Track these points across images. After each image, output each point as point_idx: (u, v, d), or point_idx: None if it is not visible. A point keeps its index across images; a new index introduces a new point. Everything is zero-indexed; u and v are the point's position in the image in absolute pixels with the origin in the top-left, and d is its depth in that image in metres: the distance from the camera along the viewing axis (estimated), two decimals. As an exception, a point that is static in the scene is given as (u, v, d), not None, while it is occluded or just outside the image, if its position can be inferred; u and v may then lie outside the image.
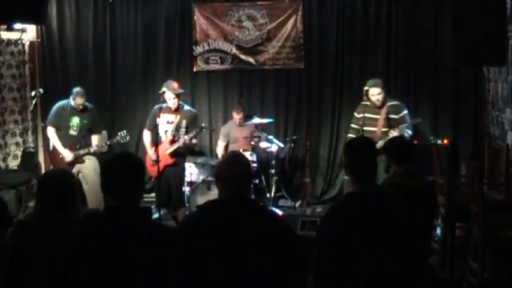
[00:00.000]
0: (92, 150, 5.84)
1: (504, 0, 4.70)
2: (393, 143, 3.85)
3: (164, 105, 5.65)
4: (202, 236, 2.33)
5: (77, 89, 5.84)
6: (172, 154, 5.65)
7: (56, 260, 2.09)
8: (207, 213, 2.43)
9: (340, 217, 2.51)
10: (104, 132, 6.63)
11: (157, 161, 5.35)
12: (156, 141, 5.61)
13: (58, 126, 5.88)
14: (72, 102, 5.83)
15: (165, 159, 5.59)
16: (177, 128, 5.67)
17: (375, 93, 5.58)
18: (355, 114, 5.81)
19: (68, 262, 2.04)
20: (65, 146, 5.82)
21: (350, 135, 5.80)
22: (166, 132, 5.71)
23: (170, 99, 5.62)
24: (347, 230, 2.45)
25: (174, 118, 5.68)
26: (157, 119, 5.65)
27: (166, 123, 5.70)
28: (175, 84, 5.67)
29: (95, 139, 6.07)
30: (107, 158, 2.31)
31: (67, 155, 5.79)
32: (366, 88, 5.66)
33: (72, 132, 5.86)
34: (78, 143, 5.85)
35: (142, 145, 6.52)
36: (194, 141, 5.78)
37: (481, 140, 6.42)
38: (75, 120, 5.86)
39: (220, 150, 6.82)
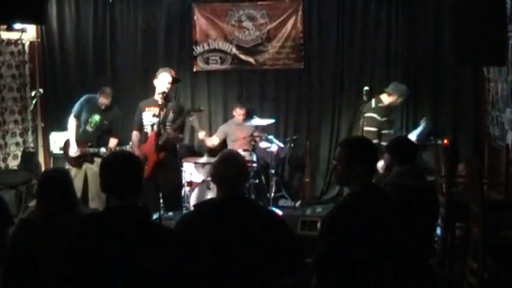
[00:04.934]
0: (102, 151, 5.74)
1: (504, 0, 4.70)
2: (397, 143, 3.82)
3: (149, 99, 5.50)
4: (200, 235, 2.34)
5: (104, 87, 5.86)
6: (160, 150, 5.14)
7: (57, 260, 2.09)
8: (203, 213, 2.43)
9: (345, 217, 2.50)
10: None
11: (145, 159, 5.12)
12: (144, 139, 5.40)
13: (79, 117, 5.85)
14: (98, 100, 5.82)
15: (152, 156, 5.22)
16: (163, 121, 5.31)
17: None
18: (376, 116, 5.50)
19: (68, 262, 2.04)
20: (77, 139, 5.80)
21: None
22: (152, 126, 5.39)
23: (164, 83, 5.37)
24: (352, 230, 2.44)
25: (161, 111, 5.22)
26: (143, 114, 5.45)
27: (152, 117, 5.41)
28: (172, 71, 5.57)
29: (112, 142, 5.88)
30: (105, 158, 2.30)
31: (73, 149, 5.78)
32: (400, 93, 5.63)
33: (89, 128, 5.83)
34: (91, 140, 5.80)
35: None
36: (180, 135, 5.48)
37: (481, 140, 6.42)
38: (95, 118, 5.82)
39: (209, 142, 6.70)
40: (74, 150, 5.79)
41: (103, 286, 2.02)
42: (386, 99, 5.64)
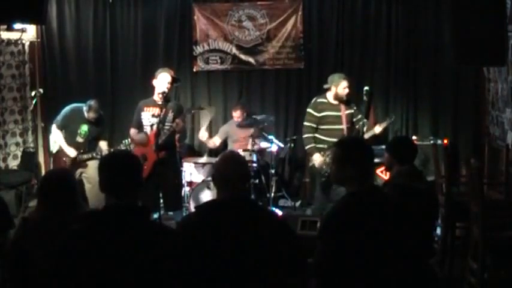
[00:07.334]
0: (94, 155, 5.73)
1: (504, 0, 4.71)
2: (398, 143, 3.80)
3: (149, 99, 5.50)
4: (201, 236, 2.33)
5: (91, 103, 5.67)
6: (159, 150, 5.12)
7: (55, 259, 2.09)
8: (206, 214, 2.43)
9: (343, 218, 2.49)
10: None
11: (145, 158, 5.09)
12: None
13: (66, 129, 5.78)
14: (86, 114, 5.75)
15: (152, 156, 5.19)
16: (163, 121, 5.30)
17: (345, 85, 5.63)
18: (313, 111, 5.67)
19: (67, 261, 2.04)
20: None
21: (308, 135, 5.66)
22: (152, 126, 5.37)
23: (164, 83, 5.35)
24: (349, 230, 2.44)
25: (160, 111, 5.25)
26: (142, 114, 5.43)
27: (151, 117, 5.38)
28: (171, 71, 5.55)
29: (103, 144, 5.93)
30: (104, 157, 2.30)
31: (70, 152, 5.73)
32: (335, 82, 5.63)
33: (79, 139, 5.75)
34: (82, 148, 5.80)
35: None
36: (181, 123, 5.31)
37: (481, 140, 6.42)
38: (84, 128, 5.74)
39: (211, 143, 6.74)
40: (71, 152, 5.72)
41: (102, 285, 2.02)
42: (329, 95, 5.70)
